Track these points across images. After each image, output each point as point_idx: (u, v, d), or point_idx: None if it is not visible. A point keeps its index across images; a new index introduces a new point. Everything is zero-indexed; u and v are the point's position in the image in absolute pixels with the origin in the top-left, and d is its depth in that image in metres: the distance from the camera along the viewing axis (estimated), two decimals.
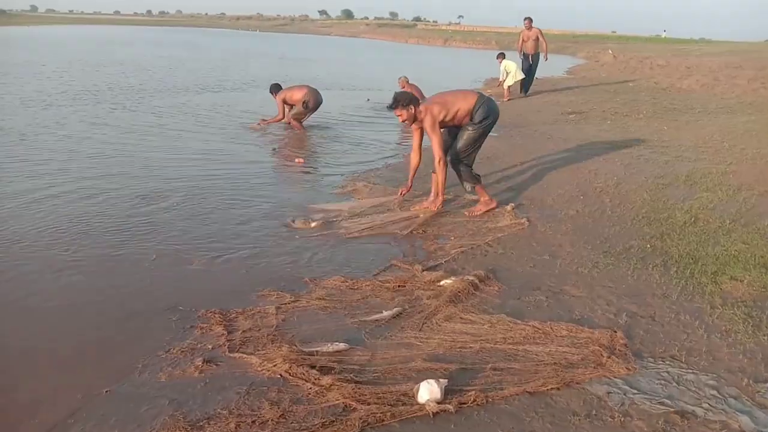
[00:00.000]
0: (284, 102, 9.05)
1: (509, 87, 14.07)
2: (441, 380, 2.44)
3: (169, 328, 3.10)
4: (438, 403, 2.35)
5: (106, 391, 2.56)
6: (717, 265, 3.79)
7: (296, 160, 7.20)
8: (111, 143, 7.60)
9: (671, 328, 3.04)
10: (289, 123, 9.20)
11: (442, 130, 5.00)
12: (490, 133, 5.12)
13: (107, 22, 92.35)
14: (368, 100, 12.95)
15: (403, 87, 11.47)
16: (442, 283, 3.57)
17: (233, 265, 3.95)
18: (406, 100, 4.89)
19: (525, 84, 14.05)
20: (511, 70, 14.05)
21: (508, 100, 13.59)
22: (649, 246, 4.20)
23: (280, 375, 2.61)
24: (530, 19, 13.85)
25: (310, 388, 2.49)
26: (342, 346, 2.82)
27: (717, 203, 5.09)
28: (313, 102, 9.03)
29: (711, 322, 3.10)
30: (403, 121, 4.98)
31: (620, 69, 24.42)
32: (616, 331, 2.95)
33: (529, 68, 13.95)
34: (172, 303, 3.35)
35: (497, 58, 14.87)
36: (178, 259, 4.01)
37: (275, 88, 9.24)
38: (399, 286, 3.58)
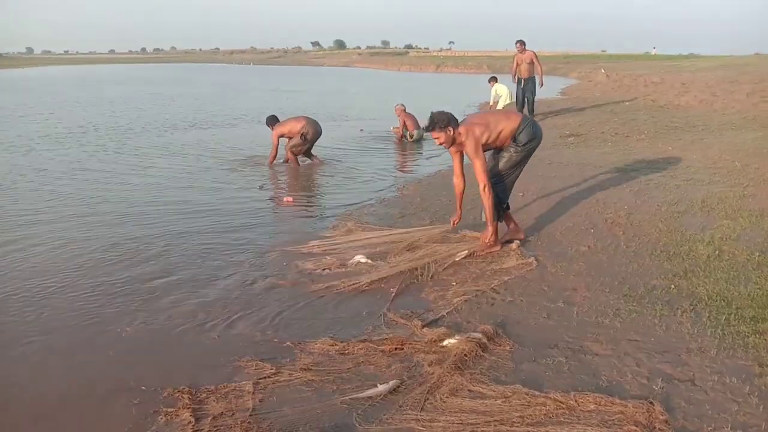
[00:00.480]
0: (280, 136, 8.60)
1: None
2: None
3: (127, 416, 2.64)
4: None
5: None
6: (754, 309, 3.35)
7: (285, 199, 6.79)
8: (88, 190, 7.17)
9: (716, 395, 2.58)
10: (287, 158, 8.78)
11: None
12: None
13: (102, 61, 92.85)
14: (362, 130, 12.61)
15: (399, 115, 11.15)
16: (445, 343, 3.12)
17: (207, 327, 3.50)
18: (444, 120, 4.46)
19: (529, 107, 13.65)
20: (503, 94, 13.79)
21: None
22: (673, 286, 3.77)
23: None
24: (522, 42, 13.52)
25: None
26: None
27: (740, 232, 4.68)
28: (312, 133, 8.60)
29: (763, 385, 2.65)
30: (441, 144, 4.56)
31: (614, 88, 24.23)
32: (652, 403, 2.49)
33: (523, 94, 13.56)
34: (134, 380, 2.91)
35: (489, 82, 14.61)
36: (145, 324, 3.56)
37: (272, 121, 8.76)
38: (396, 348, 3.13)
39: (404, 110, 11.13)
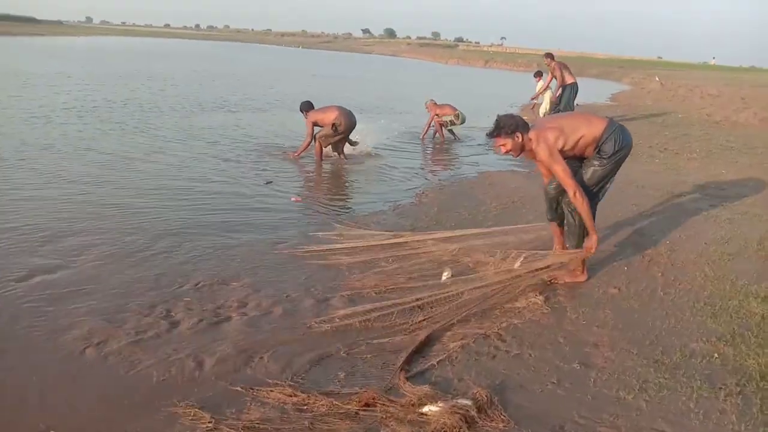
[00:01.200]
0: (314, 125, 8.08)
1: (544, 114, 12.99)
2: None
3: None
4: None
5: None
6: None
7: (292, 198, 6.27)
8: (81, 173, 6.69)
9: None
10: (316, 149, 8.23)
11: None
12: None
13: (157, 34, 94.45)
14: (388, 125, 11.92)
15: (431, 110, 10.58)
16: (425, 410, 2.54)
17: (147, 357, 2.99)
18: (512, 125, 3.87)
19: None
20: (544, 100, 13.05)
21: None
22: (716, 355, 3.10)
23: None
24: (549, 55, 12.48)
25: None
26: None
27: None
28: (345, 125, 7.99)
29: None
30: (507, 153, 3.95)
31: (668, 97, 23.00)
32: None
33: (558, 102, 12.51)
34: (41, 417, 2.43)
35: (534, 77, 13.86)
36: (75, 350, 3.08)
37: (306, 107, 8.15)
38: (364, 407, 2.58)
39: (435, 103, 10.55)
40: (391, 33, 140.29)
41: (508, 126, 3.88)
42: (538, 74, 13.88)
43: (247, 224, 5.25)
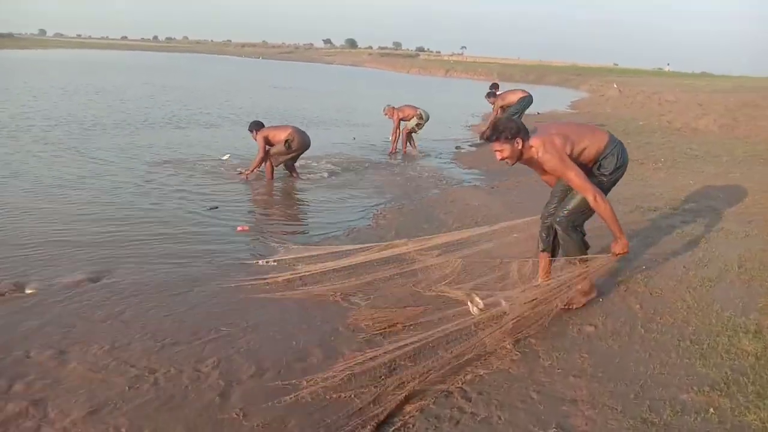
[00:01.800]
0: (266, 142, 7.58)
1: None
2: None
3: None
4: None
5: None
6: None
7: (238, 227, 5.64)
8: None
9: None
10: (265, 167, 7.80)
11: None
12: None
13: (114, 47, 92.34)
14: (354, 138, 11.62)
15: (391, 115, 10.16)
16: None
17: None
18: (512, 129, 3.46)
19: None
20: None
21: None
22: (712, 410, 2.68)
23: None
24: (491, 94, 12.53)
25: None
26: None
27: None
28: (298, 143, 7.59)
29: None
30: (503, 159, 3.54)
31: (626, 104, 23.19)
32: None
33: None
34: None
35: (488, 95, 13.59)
36: None
37: (256, 126, 7.70)
38: None
39: (393, 107, 10.12)
40: (352, 43, 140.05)
41: (508, 130, 3.47)
42: (494, 87, 13.59)
43: (190, 257, 4.70)
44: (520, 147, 3.50)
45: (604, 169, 3.63)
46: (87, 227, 5.33)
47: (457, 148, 11.65)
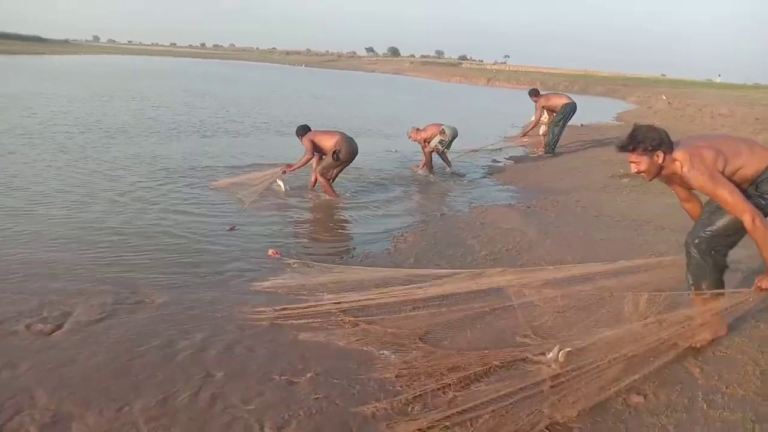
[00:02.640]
0: (313, 145, 7.07)
1: (544, 134, 12.05)
2: None
3: None
4: None
5: None
6: None
7: (269, 251, 5.03)
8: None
9: None
10: (314, 181, 7.33)
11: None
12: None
13: (162, 53, 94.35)
14: (395, 151, 10.94)
15: (415, 138, 9.31)
16: None
17: None
18: (654, 140, 3.02)
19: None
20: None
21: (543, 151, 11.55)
22: None
23: None
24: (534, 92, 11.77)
25: None
26: None
27: None
28: (346, 152, 7.02)
29: None
30: (639, 173, 3.12)
31: (676, 117, 22.03)
32: None
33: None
34: None
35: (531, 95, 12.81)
36: None
37: (303, 131, 7.19)
38: None
39: (417, 129, 9.29)
40: (394, 51, 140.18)
41: (649, 140, 3.01)
42: (534, 92, 12.82)
43: (204, 284, 4.22)
44: (660, 161, 3.04)
45: (764, 190, 3.05)
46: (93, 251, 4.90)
47: (493, 161, 10.98)
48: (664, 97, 29.19)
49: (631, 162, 3.11)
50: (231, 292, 4.11)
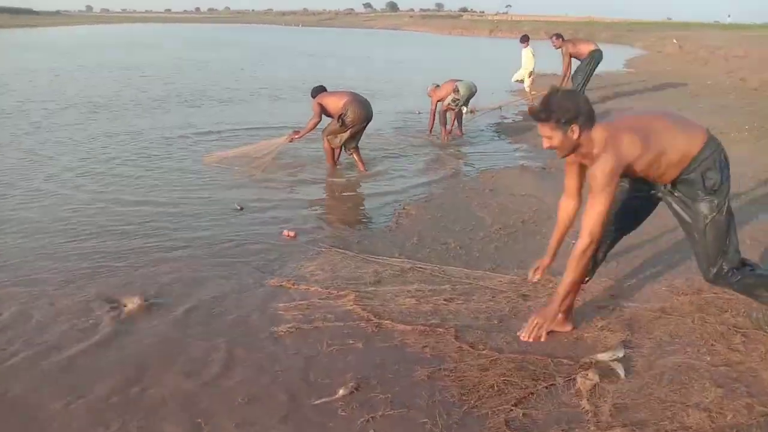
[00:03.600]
0: (321, 108, 6.32)
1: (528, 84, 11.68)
2: None
3: None
4: None
5: None
6: None
7: (284, 232, 4.50)
8: None
9: None
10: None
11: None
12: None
13: (156, 20, 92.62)
14: (419, 113, 10.05)
15: (433, 95, 8.49)
16: None
17: None
18: (570, 110, 2.46)
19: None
20: (526, 62, 11.89)
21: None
22: None
23: None
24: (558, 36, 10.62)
25: None
26: None
27: None
28: (354, 116, 6.17)
29: None
30: (550, 147, 2.57)
31: (688, 61, 21.16)
32: None
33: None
34: None
35: (521, 43, 12.04)
36: None
37: (314, 92, 6.46)
38: None
39: (436, 86, 8.47)
40: (393, 6, 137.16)
41: (563, 111, 2.46)
42: (525, 39, 12.05)
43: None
44: (576, 136, 2.48)
45: (709, 183, 2.55)
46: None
47: (501, 117, 10.29)
48: (675, 41, 28.10)
49: (543, 135, 2.55)
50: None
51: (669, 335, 2.86)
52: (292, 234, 4.47)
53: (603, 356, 2.64)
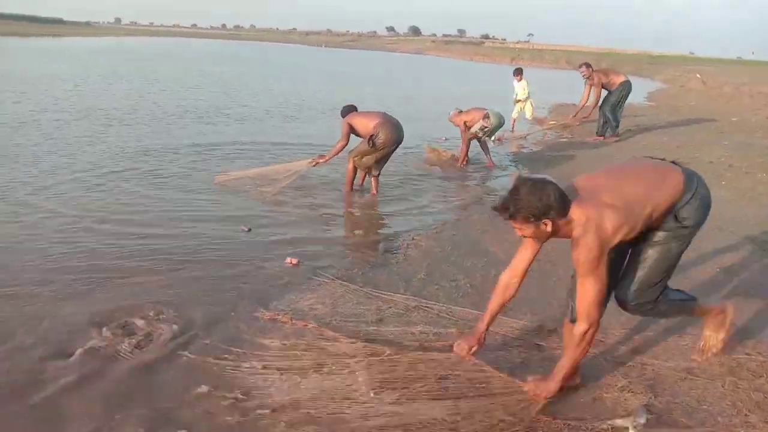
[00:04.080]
0: (351, 129, 6.13)
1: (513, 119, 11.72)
2: None
3: None
4: None
5: None
6: None
7: (287, 259, 4.30)
8: None
9: None
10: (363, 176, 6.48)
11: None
12: None
13: (183, 34, 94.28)
14: (446, 139, 9.80)
15: (457, 122, 8.24)
16: None
17: None
18: (538, 209, 2.25)
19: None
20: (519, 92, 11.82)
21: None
22: None
23: None
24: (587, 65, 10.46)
25: None
26: None
27: None
28: (386, 138, 6.00)
29: None
30: (524, 236, 2.42)
31: (712, 97, 20.82)
32: None
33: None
34: None
35: (515, 76, 11.96)
36: None
37: (345, 111, 6.27)
38: None
39: (459, 111, 8.25)
40: (415, 30, 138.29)
41: (530, 209, 2.24)
42: (518, 72, 11.91)
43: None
44: (548, 229, 2.29)
45: (684, 218, 2.48)
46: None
47: (519, 147, 10.09)
48: (698, 76, 27.77)
49: (516, 227, 2.35)
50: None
51: (696, 400, 2.60)
52: (294, 261, 4.27)
53: (622, 422, 2.39)
